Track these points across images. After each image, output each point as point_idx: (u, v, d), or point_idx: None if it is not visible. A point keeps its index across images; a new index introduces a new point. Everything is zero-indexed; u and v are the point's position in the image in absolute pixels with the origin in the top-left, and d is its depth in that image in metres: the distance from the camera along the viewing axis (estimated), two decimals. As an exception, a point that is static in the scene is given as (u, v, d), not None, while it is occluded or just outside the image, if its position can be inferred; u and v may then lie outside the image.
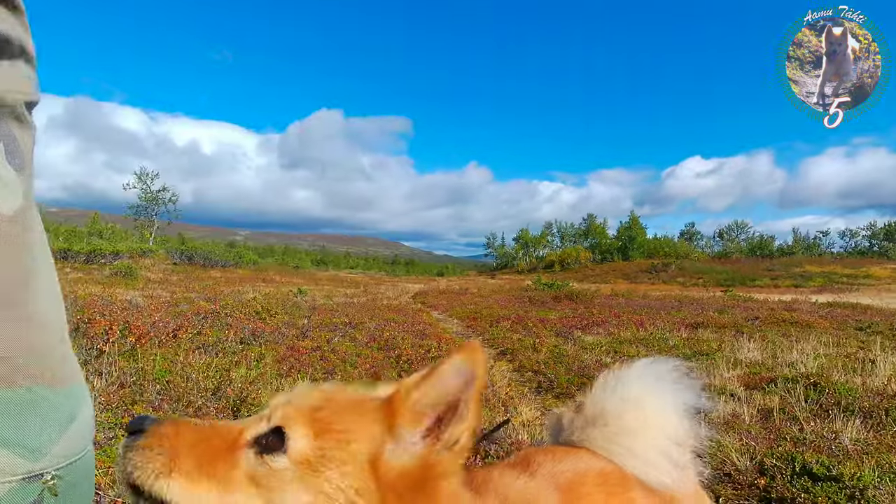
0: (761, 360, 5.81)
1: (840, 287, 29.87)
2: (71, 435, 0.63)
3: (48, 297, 0.65)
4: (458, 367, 0.64)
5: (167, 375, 3.81)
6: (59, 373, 0.63)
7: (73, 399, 0.65)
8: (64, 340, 0.68)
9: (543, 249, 72.64)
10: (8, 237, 0.59)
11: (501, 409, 3.89)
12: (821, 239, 67.98)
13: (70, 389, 0.65)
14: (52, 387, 0.61)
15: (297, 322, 7.53)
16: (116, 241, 29.73)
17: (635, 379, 1.11)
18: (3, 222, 0.59)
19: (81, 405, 0.67)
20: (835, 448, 2.97)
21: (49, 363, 0.62)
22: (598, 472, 0.98)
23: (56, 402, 0.62)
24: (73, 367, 0.68)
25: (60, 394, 0.62)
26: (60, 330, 0.67)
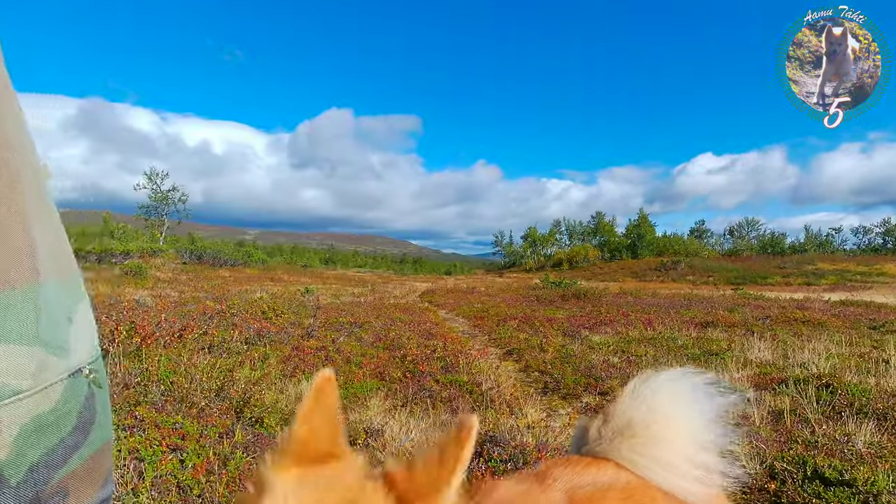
0: (772, 360, 5.71)
1: (853, 285, 29.44)
2: (77, 330, 0.62)
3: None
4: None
5: (171, 376, 3.81)
6: (52, 268, 0.60)
7: (70, 294, 0.63)
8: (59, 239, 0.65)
9: (552, 248, 72.30)
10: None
11: (507, 411, 3.85)
12: (833, 236, 67.09)
13: (62, 282, 0.63)
14: (48, 283, 0.59)
15: (302, 322, 7.53)
16: (127, 240, 30.03)
17: (664, 388, 1.07)
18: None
19: (77, 301, 0.64)
20: (847, 451, 2.90)
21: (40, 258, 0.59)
22: (623, 487, 0.94)
23: (56, 297, 0.59)
24: (67, 261, 0.65)
25: (56, 288, 0.60)
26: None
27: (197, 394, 3.46)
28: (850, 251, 60.70)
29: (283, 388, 4.05)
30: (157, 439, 2.66)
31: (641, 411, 1.05)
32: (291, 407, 3.61)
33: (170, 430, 2.79)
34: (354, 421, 3.51)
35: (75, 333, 0.61)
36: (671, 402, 1.06)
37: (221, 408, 3.32)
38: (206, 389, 3.58)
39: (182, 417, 3.01)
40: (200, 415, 3.14)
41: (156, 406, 3.17)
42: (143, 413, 2.97)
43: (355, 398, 4.04)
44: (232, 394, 3.55)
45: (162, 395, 3.43)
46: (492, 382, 4.57)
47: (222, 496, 2.27)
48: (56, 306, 0.59)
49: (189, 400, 3.34)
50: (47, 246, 0.60)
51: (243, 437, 2.90)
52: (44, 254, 0.59)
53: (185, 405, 3.26)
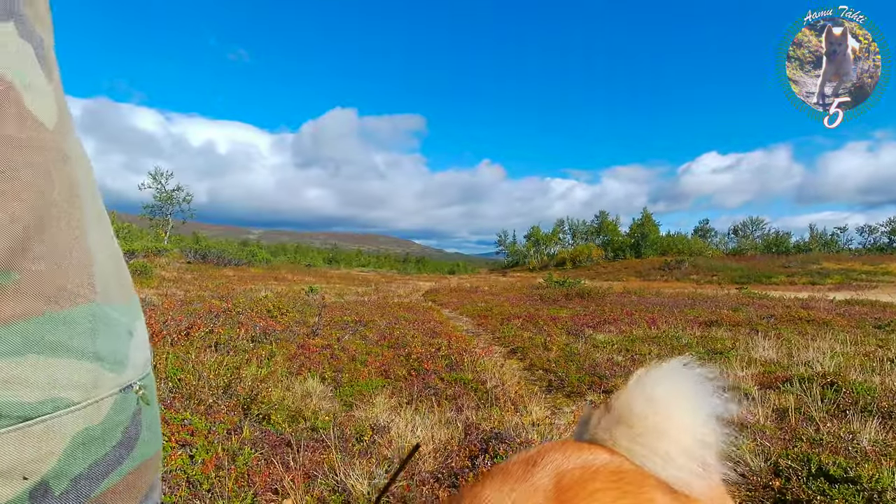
0: (776, 358, 5.71)
1: (858, 284, 29.30)
2: (135, 347, 0.63)
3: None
4: None
5: (179, 373, 3.84)
6: (113, 288, 0.62)
7: (129, 312, 0.65)
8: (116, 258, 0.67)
9: (555, 247, 72.25)
10: (49, 154, 0.53)
11: (511, 409, 3.87)
12: (838, 235, 66.80)
13: (127, 302, 0.65)
14: (112, 302, 0.61)
15: (307, 320, 7.57)
16: (132, 240, 30.15)
17: (664, 380, 1.09)
18: (47, 135, 0.53)
19: (136, 318, 0.66)
20: (852, 449, 2.91)
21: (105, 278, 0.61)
22: (614, 470, 0.95)
23: (118, 316, 0.61)
24: (125, 278, 0.67)
25: (119, 309, 0.62)
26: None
27: (205, 391, 3.49)
28: (855, 250, 60.39)
29: (290, 386, 4.08)
30: (166, 435, 2.69)
31: (641, 402, 1.06)
32: (298, 404, 3.64)
33: (179, 427, 2.82)
34: (360, 418, 3.53)
35: (133, 348, 0.63)
36: (671, 394, 1.07)
37: (229, 405, 3.35)
38: (214, 386, 3.62)
39: (190, 414, 3.04)
40: (208, 411, 3.17)
41: (164, 403, 3.20)
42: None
43: (361, 396, 4.06)
44: (239, 391, 3.58)
45: (170, 391, 3.47)
46: (496, 380, 4.59)
47: (231, 491, 2.30)
48: (116, 322, 0.60)
49: (197, 397, 3.37)
50: (106, 261, 0.62)
51: (251, 434, 2.93)
52: (103, 270, 0.60)
53: (193, 402, 3.29)
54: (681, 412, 1.04)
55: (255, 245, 56.75)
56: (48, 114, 0.54)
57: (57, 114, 0.57)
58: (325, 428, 3.13)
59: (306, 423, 3.28)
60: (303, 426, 3.24)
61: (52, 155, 0.54)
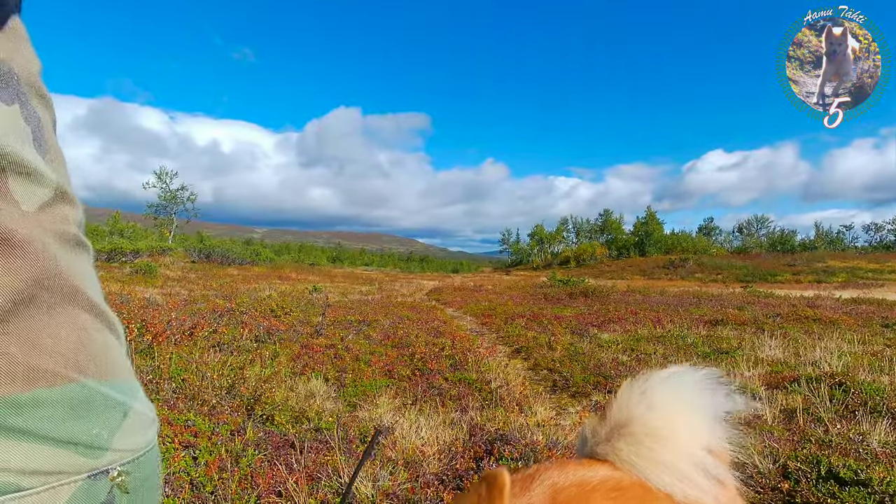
0: (783, 358, 5.67)
1: (864, 282, 29.10)
2: (127, 429, 0.60)
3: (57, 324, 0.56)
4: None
5: (183, 374, 3.83)
6: (104, 365, 0.59)
7: (123, 392, 0.61)
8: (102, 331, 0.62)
9: (559, 245, 72.09)
10: (23, 240, 0.51)
11: (516, 409, 3.85)
12: (844, 233, 66.39)
13: (118, 382, 0.61)
14: (100, 379, 0.57)
15: (311, 320, 7.56)
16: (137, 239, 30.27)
17: (664, 385, 1.04)
18: (24, 220, 0.51)
19: (132, 398, 0.62)
20: (862, 451, 2.87)
21: (94, 354, 0.58)
22: (613, 486, 0.90)
23: (114, 394, 0.58)
24: (118, 359, 0.63)
25: (109, 386, 0.59)
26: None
27: (208, 391, 3.48)
28: (861, 248, 60.01)
29: (293, 386, 4.07)
30: (169, 436, 2.68)
31: (641, 408, 1.01)
32: (301, 405, 3.63)
33: (182, 428, 2.81)
34: (364, 419, 3.52)
35: (124, 431, 0.59)
36: (673, 399, 1.01)
37: (232, 405, 3.34)
38: (217, 387, 3.61)
39: (194, 415, 3.03)
40: (212, 412, 3.16)
41: (168, 403, 3.20)
42: (156, 411, 2.99)
43: (365, 396, 4.05)
44: (243, 391, 3.57)
45: (174, 392, 3.46)
46: (501, 380, 4.57)
47: (235, 493, 2.28)
48: (108, 401, 0.58)
49: (200, 397, 3.36)
50: (102, 337, 0.59)
51: (254, 435, 2.92)
52: (97, 347, 0.58)
53: (196, 402, 3.28)
54: (683, 418, 0.99)
55: (259, 244, 56.87)
56: (35, 197, 0.53)
57: (45, 195, 0.55)
58: (329, 429, 3.12)
59: (310, 424, 3.27)
60: (306, 427, 3.23)
61: (35, 235, 0.52)
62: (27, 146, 0.53)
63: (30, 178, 0.53)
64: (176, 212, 46.03)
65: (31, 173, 0.53)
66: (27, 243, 0.51)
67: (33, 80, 0.58)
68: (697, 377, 1.05)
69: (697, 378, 1.05)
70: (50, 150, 0.59)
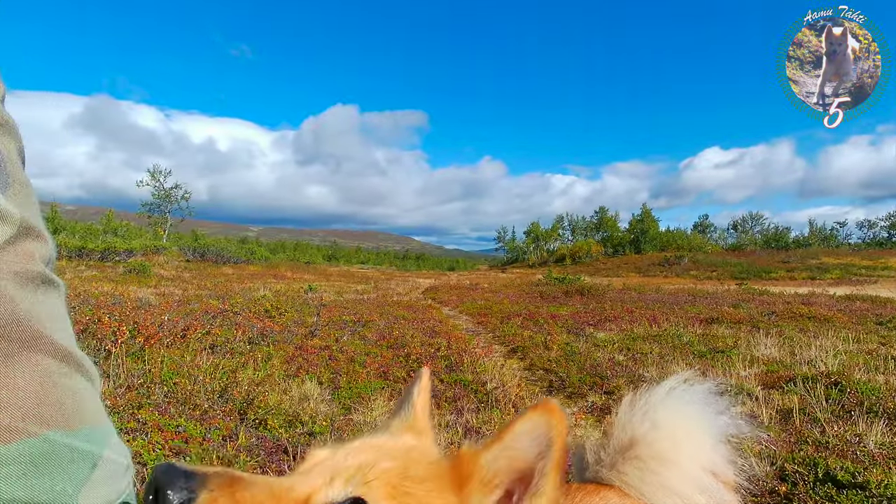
0: (779, 357, 5.67)
1: (858, 279, 29.28)
2: (97, 480, 0.56)
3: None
4: (531, 430, 0.55)
5: (174, 377, 3.78)
6: (70, 413, 0.55)
7: (92, 441, 0.58)
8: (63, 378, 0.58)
9: (554, 243, 72.18)
10: None
11: (512, 411, 3.82)
12: (838, 230, 66.77)
13: (86, 430, 0.57)
14: (66, 430, 0.54)
15: (306, 320, 7.51)
16: (131, 238, 30.06)
17: (666, 401, 1.01)
18: None
19: (102, 446, 0.59)
20: (859, 453, 2.86)
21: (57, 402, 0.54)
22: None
23: (81, 444, 0.55)
24: (87, 405, 0.59)
25: (75, 436, 0.55)
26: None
27: (200, 395, 3.44)
28: (854, 245, 60.40)
29: (287, 389, 4.02)
30: (159, 443, 2.63)
31: (644, 427, 0.98)
32: (295, 408, 3.59)
33: (173, 433, 2.77)
34: (359, 422, 3.48)
35: (94, 484, 0.56)
36: (677, 417, 0.99)
37: (225, 410, 3.29)
38: (210, 391, 3.56)
39: (185, 420, 2.99)
40: (203, 417, 3.11)
41: (159, 408, 3.15)
42: (146, 416, 2.95)
43: (360, 398, 4.01)
44: (235, 395, 3.53)
45: (165, 397, 3.41)
46: (497, 381, 4.54)
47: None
48: (74, 453, 0.54)
49: (192, 402, 3.32)
50: (66, 384, 0.56)
51: (247, 440, 2.88)
52: (62, 394, 0.54)
53: (188, 407, 3.23)
54: (688, 438, 0.96)
55: (255, 242, 56.64)
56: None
57: (5, 233, 0.51)
58: (323, 433, 3.08)
59: (303, 428, 3.23)
60: (300, 431, 3.19)
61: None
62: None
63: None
64: (170, 210, 45.79)
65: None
66: None
67: None
68: (700, 393, 1.02)
69: (700, 394, 1.02)
70: (14, 182, 0.55)
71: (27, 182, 0.58)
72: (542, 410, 0.55)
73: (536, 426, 0.55)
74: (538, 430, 0.55)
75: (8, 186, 0.54)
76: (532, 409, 0.55)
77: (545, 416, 0.54)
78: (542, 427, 0.55)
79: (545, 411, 0.55)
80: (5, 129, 0.56)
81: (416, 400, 0.76)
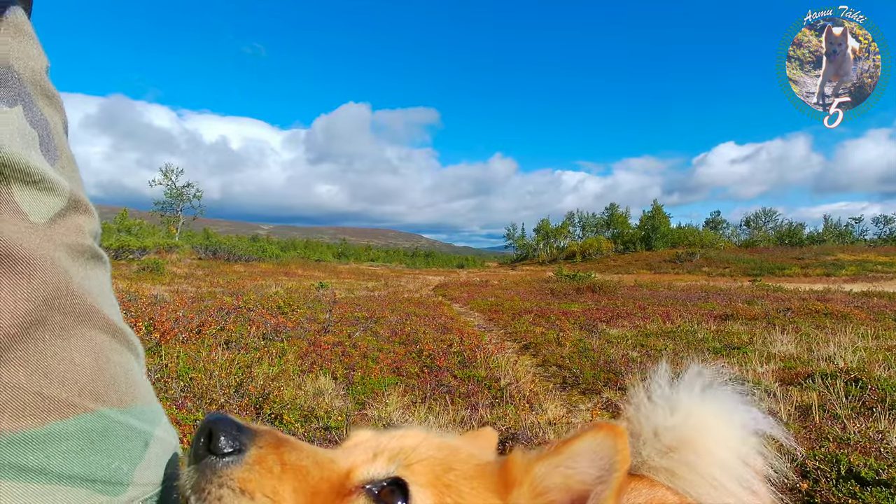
0: (796, 353, 5.59)
1: (874, 275, 28.84)
2: (150, 460, 0.56)
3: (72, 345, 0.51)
4: (593, 450, 0.52)
5: (190, 372, 3.81)
6: (124, 390, 0.55)
7: (144, 419, 0.58)
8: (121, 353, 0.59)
9: (564, 240, 71.92)
10: (29, 256, 0.46)
11: (526, 407, 3.80)
12: (853, 226, 65.78)
13: (138, 408, 0.57)
14: (120, 407, 0.54)
15: (318, 317, 7.54)
16: (144, 236, 30.40)
17: (690, 389, 1.00)
18: (32, 234, 0.47)
19: (154, 425, 0.59)
20: (882, 450, 2.81)
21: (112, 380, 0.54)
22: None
23: (135, 423, 0.55)
24: (138, 383, 0.59)
25: (129, 414, 0.55)
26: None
27: (216, 390, 3.46)
28: (870, 241, 59.49)
29: (301, 384, 4.04)
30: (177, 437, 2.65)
31: (669, 415, 0.97)
32: (310, 403, 3.60)
33: (191, 428, 2.79)
34: (374, 417, 3.49)
35: (147, 463, 0.56)
36: (703, 405, 0.98)
37: (241, 404, 3.31)
38: (225, 386, 3.59)
39: (202, 414, 3.01)
40: (220, 412, 3.13)
41: (176, 403, 3.17)
42: (164, 410, 2.97)
43: (373, 394, 4.02)
44: (251, 390, 3.55)
45: (182, 391, 3.44)
46: (510, 377, 4.53)
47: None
48: (128, 431, 0.54)
49: (208, 396, 3.34)
50: (120, 361, 0.55)
51: (263, 434, 2.89)
52: (116, 371, 0.54)
53: (204, 401, 3.26)
54: (718, 428, 0.96)
55: (265, 240, 57.03)
56: (44, 207, 0.49)
57: (57, 205, 0.51)
58: (339, 428, 3.09)
59: (319, 423, 3.24)
60: (315, 426, 3.20)
61: (45, 250, 0.48)
62: (33, 152, 0.49)
63: (38, 187, 0.48)
64: (182, 209, 46.25)
65: (39, 181, 0.48)
66: (35, 259, 0.47)
67: (38, 79, 0.53)
68: (725, 386, 1.02)
69: (718, 382, 1.02)
70: (61, 155, 0.55)
71: (72, 156, 0.58)
72: (606, 432, 0.52)
73: (599, 447, 0.52)
74: (600, 453, 0.52)
75: (56, 159, 0.53)
76: (595, 428, 0.53)
77: (609, 438, 0.52)
78: (605, 450, 0.52)
79: (610, 433, 0.52)
80: (52, 101, 0.56)
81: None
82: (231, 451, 0.48)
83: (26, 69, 0.51)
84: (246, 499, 0.46)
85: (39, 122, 0.51)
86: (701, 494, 0.88)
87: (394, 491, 0.51)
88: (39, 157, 0.50)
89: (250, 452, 0.49)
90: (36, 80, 0.53)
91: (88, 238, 0.56)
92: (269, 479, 0.48)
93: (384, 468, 0.53)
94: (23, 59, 0.51)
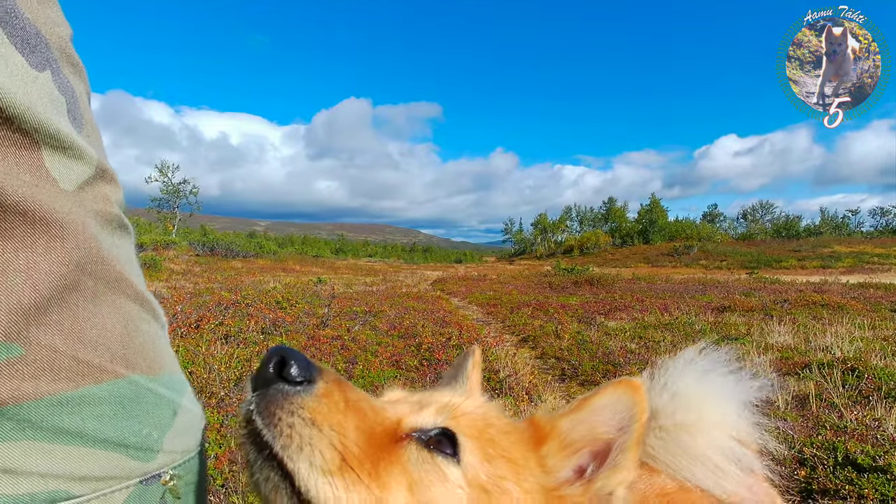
0: (793, 344, 5.62)
1: (871, 267, 28.96)
2: (178, 428, 0.56)
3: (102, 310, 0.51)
4: (614, 403, 0.56)
5: (190, 366, 3.82)
6: (152, 359, 0.55)
7: (172, 388, 0.58)
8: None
9: (562, 234, 71.97)
10: (63, 221, 0.45)
11: (525, 398, 3.82)
12: (850, 218, 66.01)
13: (166, 377, 0.57)
14: (149, 375, 0.54)
15: (317, 311, 7.54)
16: (141, 233, 30.30)
17: (684, 372, 0.99)
18: (64, 199, 0.46)
19: (181, 395, 0.59)
20: (879, 437, 2.83)
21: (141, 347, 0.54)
22: (658, 493, 0.86)
23: (164, 391, 0.55)
24: (165, 352, 0.60)
25: (158, 382, 0.55)
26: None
27: (216, 384, 3.47)
28: (867, 233, 59.71)
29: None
30: (178, 430, 2.66)
31: (664, 398, 0.96)
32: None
33: (191, 421, 2.79)
34: (373, 409, 3.50)
35: (175, 431, 0.56)
36: (697, 385, 0.96)
37: (241, 398, 3.31)
38: (225, 379, 3.59)
39: (202, 408, 3.01)
40: (220, 405, 3.14)
41: (176, 396, 3.18)
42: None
43: (373, 387, 4.03)
44: (250, 384, 3.55)
45: (181, 385, 3.45)
46: (509, 369, 4.54)
47: (245, 486, 2.26)
48: (158, 399, 0.54)
49: (208, 390, 3.35)
50: (148, 329, 0.56)
51: (264, 427, 2.90)
52: (145, 339, 0.54)
53: (204, 395, 3.26)
54: (712, 406, 0.95)
55: (263, 236, 56.92)
56: (73, 174, 0.48)
57: (85, 172, 0.50)
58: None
59: (319, 416, 3.25)
60: (315, 418, 3.21)
61: (76, 215, 0.48)
62: (62, 118, 0.48)
63: (67, 154, 0.47)
64: (178, 205, 46.09)
65: (69, 148, 0.48)
66: (68, 224, 0.46)
67: (64, 46, 0.52)
68: (718, 361, 1.01)
69: (717, 360, 1.01)
70: (86, 124, 0.54)
71: (96, 126, 0.58)
72: (626, 386, 0.55)
73: (620, 400, 0.55)
74: (621, 405, 0.55)
75: (82, 127, 0.53)
76: (615, 384, 0.56)
77: (629, 392, 0.55)
78: (625, 402, 0.55)
79: (629, 387, 0.55)
80: (77, 70, 0.55)
81: (470, 373, 0.78)
82: (302, 380, 0.50)
83: (53, 35, 0.50)
84: (315, 430, 0.48)
85: (67, 89, 0.50)
86: (699, 477, 0.88)
87: (441, 441, 0.54)
88: (68, 124, 0.49)
89: (319, 385, 0.50)
90: (62, 46, 0.52)
91: (115, 207, 0.56)
92: (336, 413, 0.50)
93: (432, 419, 0.57)
94: (49, 25, 0.50)
